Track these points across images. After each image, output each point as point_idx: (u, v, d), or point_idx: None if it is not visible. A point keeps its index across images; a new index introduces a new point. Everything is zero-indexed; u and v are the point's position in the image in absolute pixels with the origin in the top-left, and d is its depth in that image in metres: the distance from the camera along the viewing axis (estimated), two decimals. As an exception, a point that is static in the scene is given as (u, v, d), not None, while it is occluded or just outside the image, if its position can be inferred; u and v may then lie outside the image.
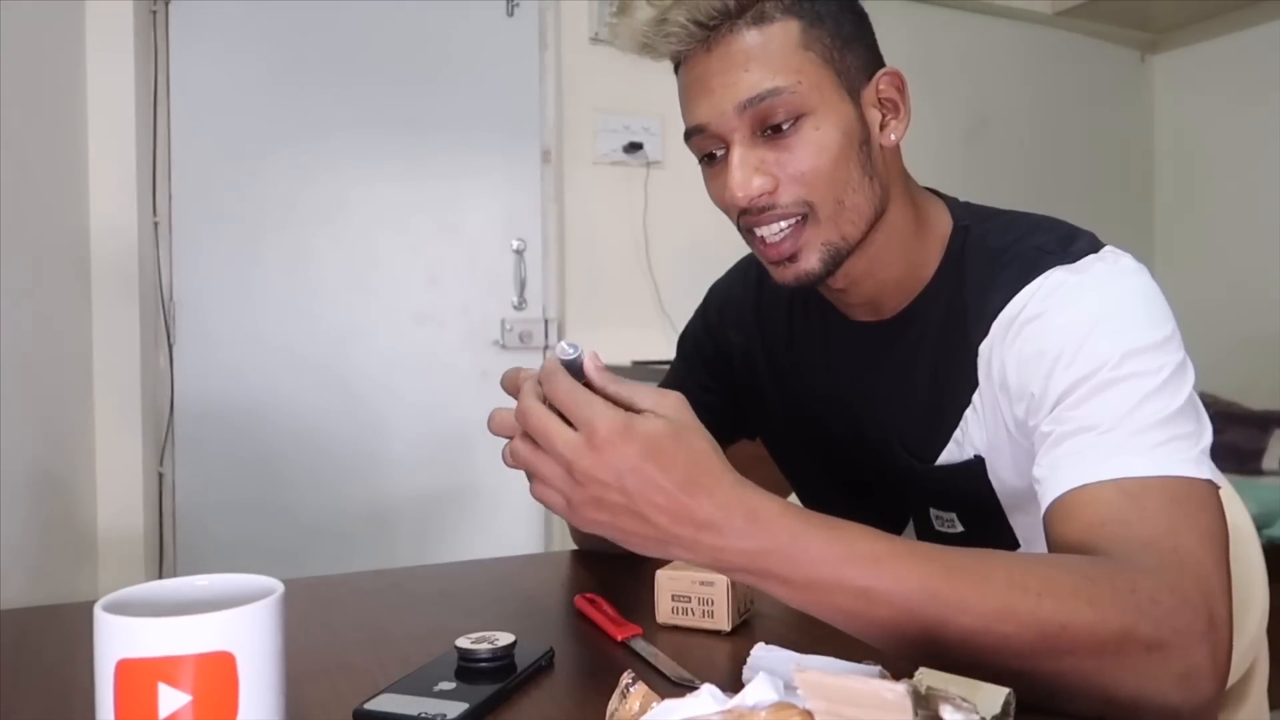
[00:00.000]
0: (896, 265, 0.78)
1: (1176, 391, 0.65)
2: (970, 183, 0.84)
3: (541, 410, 0.54)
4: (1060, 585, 0.53)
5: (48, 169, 1.85)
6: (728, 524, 0.52)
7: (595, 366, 0.55)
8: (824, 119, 0.71)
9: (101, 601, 0.44)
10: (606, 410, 0.52)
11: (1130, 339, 0.66)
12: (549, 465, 0.54)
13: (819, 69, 0.71)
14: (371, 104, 2.41)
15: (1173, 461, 0.61)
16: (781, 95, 0.70)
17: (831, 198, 0.73)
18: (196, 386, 2.26)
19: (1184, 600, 0.55)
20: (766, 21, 0.70)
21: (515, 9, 2.54)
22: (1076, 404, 0.65)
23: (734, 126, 0.71)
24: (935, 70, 3.15)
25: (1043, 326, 0.69)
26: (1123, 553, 0.57)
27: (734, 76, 0.70)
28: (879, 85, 0.75)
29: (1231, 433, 2.76)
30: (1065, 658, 0.53)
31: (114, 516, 2.08)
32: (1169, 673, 0.53)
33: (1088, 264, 0.71)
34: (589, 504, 0.53)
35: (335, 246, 2.40)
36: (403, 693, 0.58)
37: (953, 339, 0.76)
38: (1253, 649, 0.93)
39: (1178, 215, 3.61)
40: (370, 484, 2.40)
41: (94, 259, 2.05)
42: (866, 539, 0.54)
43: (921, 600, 0.52)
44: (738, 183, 0.72)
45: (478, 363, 2.52)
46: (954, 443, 0.77)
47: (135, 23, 2.09)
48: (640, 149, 2.68)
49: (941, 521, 0.80)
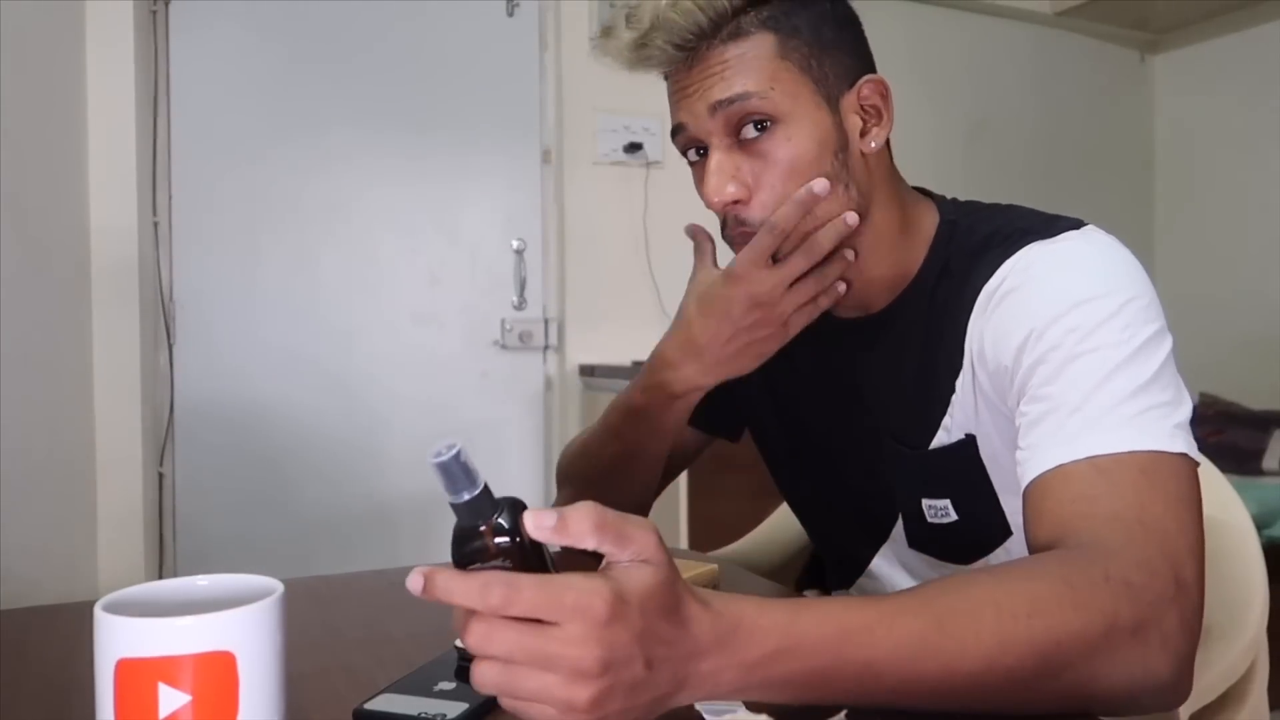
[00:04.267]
0: (883, 266, 0.80)
1: (1148, 359, 0.65)
2: (970, 183, 0.84)
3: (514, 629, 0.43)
4: (1045, 600, 0.53)
5: (48, 169, 1.85)
6: (723, 642, 0.47)
7: (539, 525, 0.45)
8: (797, 128, 0.73)
9: (101, 601, 0.44)
10: (590, 583, 0.44)
11: (1099, 308, 0.66)
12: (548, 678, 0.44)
13: (795, 78, 0.73)
14: (371, 104, 2.41)
15: (1145, 435, 0.61)
16: (751, 99, 0.72)
17: None
18: (196, 386, 2.26)
19: (1151, 571, 0.56)
20: (742, 37, 0.73)
21: (515, 9, 2.54)
22: (1048, 379, 0.66)
23: (710, 129, 0.75)
24: (935, 70, 3.15)
25: (1017, 299, 0.70)
26: (1091, 531, 0.58)
27: (710, 83, 0.74)
28: (861, 92, 0.76)
29: (1231, 433, 2.76)
30: (1065, 672, 0.53)
31: (114, 517, 2.08)
32: (1150, 646, 0.54)
33: (1063, 238, 0.72)
34: (618, 693, 0.44)
35: (335, 246, 2.40)
36: (403, 693, 0.58)
37: (940, 324, 0.77)
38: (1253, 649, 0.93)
39: (1178, 215, 3.61)
40: (370, 484, 2.40)
41: (94, 259, 2.05)
42: (855, 611, 0.51)
43: (924, 658, 0.51)
44: (712, 188, 0.75)
45: (478, 363, 2.52)
46: (944, 428, 0.78)
47: (135, 23, 2.09)
48: (640, 149, 2.69)
49: (934, 511, 0.80)
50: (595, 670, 0.43)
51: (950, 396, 0.77)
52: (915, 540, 0.84)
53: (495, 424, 2.55)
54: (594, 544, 0.45)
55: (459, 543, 0.46)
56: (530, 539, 0.45)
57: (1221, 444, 2.70)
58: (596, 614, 0.43)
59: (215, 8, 2.26)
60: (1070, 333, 0.66)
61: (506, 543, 0.45)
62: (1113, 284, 0.68)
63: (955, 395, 0.76)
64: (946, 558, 0.83)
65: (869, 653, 0.50)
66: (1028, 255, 0.72)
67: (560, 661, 0.43)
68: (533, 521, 0.45)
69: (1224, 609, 0.92)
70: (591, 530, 0.45)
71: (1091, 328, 0.65)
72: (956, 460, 0.78)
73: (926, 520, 0.81)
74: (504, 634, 0.43)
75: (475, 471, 0.45)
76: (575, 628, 0.43)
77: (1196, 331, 3.28)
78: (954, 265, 0.77)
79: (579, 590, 0.43)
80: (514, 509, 0.46)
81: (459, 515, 0.45)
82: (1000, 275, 0.72)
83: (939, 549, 0.83)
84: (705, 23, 0.73)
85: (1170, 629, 0.55)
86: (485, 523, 0.45)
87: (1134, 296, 0.67)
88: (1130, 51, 3.64)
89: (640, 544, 0.46)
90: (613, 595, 0.44)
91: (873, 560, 0.89)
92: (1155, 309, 0.68)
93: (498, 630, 0.43)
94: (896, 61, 0.78)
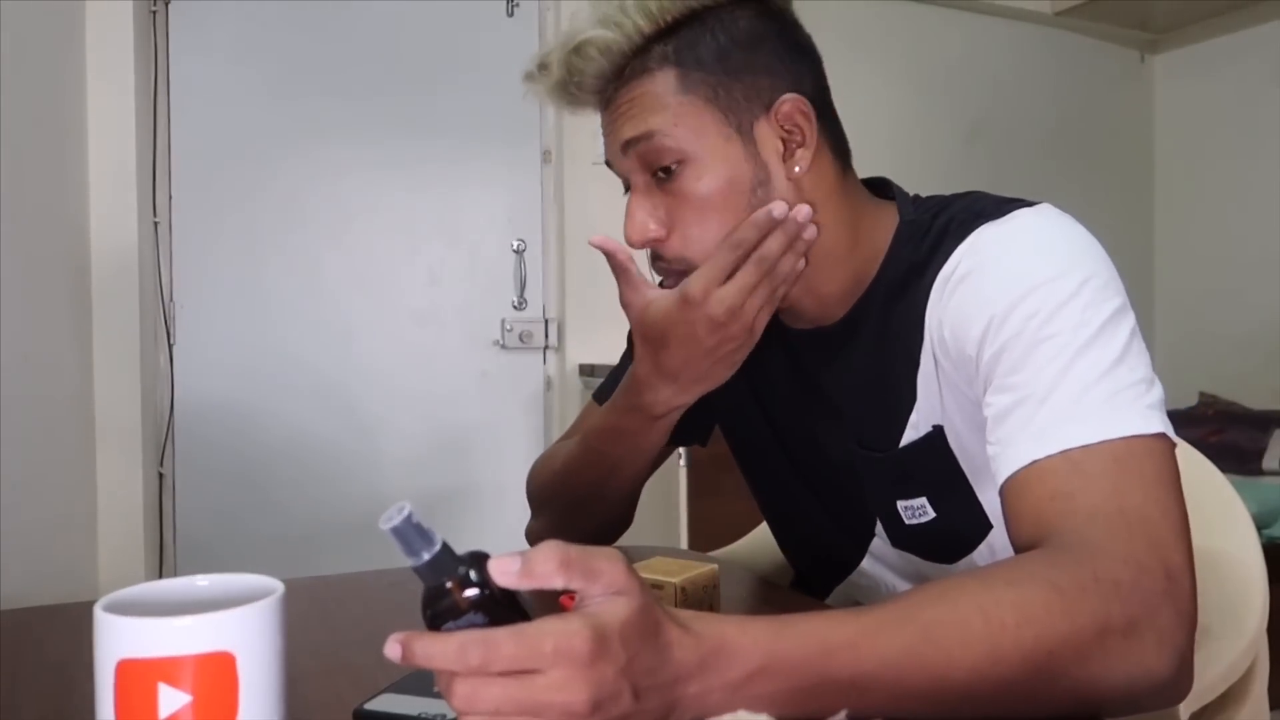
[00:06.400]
0: (835, 280, 0.79)
1: (1111, 340, 0.64)
2: (970, 183, 0.83)
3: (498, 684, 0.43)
4: (1034, 607, 0.53)
5: (47, 169, 1.85)
6: (706, 664, 0.47)
7: (504, 571, 0.44)
8: (706, 167, 0.73)
9: (101, 601, 0.44)
10: (567, 625, 0.43)
11: (1057, 289, 0.65)
12: None
13: (699, 111, 0.74)
14: (371, 104, 2.41)
15: (1116, 422, 0.61)
16: (654, 139, 0.74)
17: None
18: (196, 386, 2.26)
19: (1139, 566, 0.55)
20: (645, 74, 0.74)
21: (515, 9, 2.54)
22: (1013, 368, 0.65)
23: (627, 168, 0.77)
24: (935, 70, 3.15)
25: (973, 284, 0.70)
26: (1074, 529, 0.58)
27: (619, 124, 0.76)
28: (779, 113, 0.74)
29: (1231, 433, 2.76)
30: (1060, 679, 0.52)
31: (114, 516, 2.08)
32: (1145, 644, 0.53)
33: (1014, 215, 0.71)
34: None
35: (335, 246, 2.40)
36: (403, 693, 0.58)
37: (900, 321, 0.76)
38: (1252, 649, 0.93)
39: (1178, 215, 3.61)
40: (370, 484, 2.40)
41: (94, 259, 2.05)
42: (838, 626, 0.51)
43: (912, 670, 0.51)
44: (632, 227, 0.77)
45: (478, 363, 2.52)
46: (911, 425, 0.77)
47: (135, 23, 2.09)
48: (640, 149, 2.68)
49: (911, 512, 0.80)
50: (586, 710, 0.43)
51: (915, 390, 0.76)
52: (897, 541, 0.83)
53: (495, 424, 2.55)
54: (562, 583, 0.45)
55: (429, 603, 0.45)
56: (499, 588, 0.45)
57: (1221, 444, 2.70)
58: (579, 655, 0.43)
59: (215, 8, 2.26)
60: (1030, 319, 0.65)
61: (476, 595, 0.45)
62: (1069, 263, 0.67)
63: (919, 387, 0.76)
64: (931, 557, 0.82)
65: (854, 669, 0.50)
66: (981, 237, 0.71)
67: (550, 709, 0.42)
68: (498, 569, 0.44)
69: (1224, 609, 0.92)
70: (557, 570, 0.44)
71: (1051, 311, 0.64)
72: (927, 455, 0.77)
73: (904, 523, 0.81)
74: (489, 691, 0.43)
75: (430, 531, 0.44)
76: (559, 673, 0.42)
77: (1196, 331, 3.29)
78: (912, 263, 0.76)
79: (557, 634, 0.43)
80: (476, 561, 0.45)
81: (422, 577, 0.45)
82: (954, 260, 0.71)
83: (921, 549, 0.82)
84: (608, 66, 0.74)
85: (1166, 624, 0.54)
86: (451, 579, 0.45)
87: (1091, 274, 0.66)
88: (1130, 51, 3.64)
89: (610, 576, 0.45)
90: (592, 633, 0.43)
91: (861, 562, 0.89)
92: (1115, 285, 0.67)
93: (481, 688, 0.43)
94: (895, 61, 0.78)
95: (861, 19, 2.92)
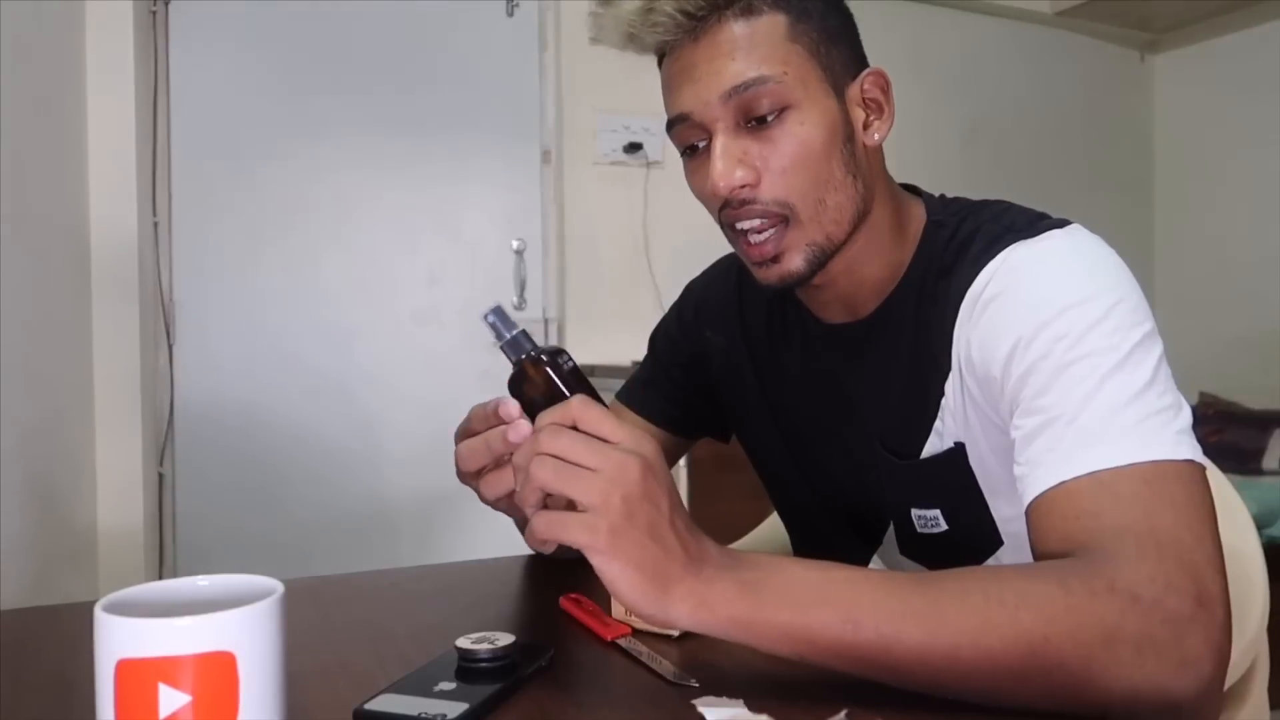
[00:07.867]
0: (875, 265, 0.78)
1: (1141, 364, 0.63)
2: (970, 183, 0.83)
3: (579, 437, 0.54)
4: (1035, 596, 0.53)
5: (48, 169, 1.85)
6: (725, 555, 0.55)
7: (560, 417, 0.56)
8: (809, 113, 0.71)
9: (101, 602, 0.44)
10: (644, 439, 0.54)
11: (1086, 312, 0.64)
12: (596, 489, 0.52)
13: (805, 62, 0.71)
14: (371, 103, 2.41)
15: (1146, 445, 0.60)
16: (767, 84, 0.70)
17: (813, 197, 0.72)
18: (196, 386, 2.26)
19: (1167, 586, 0.54)
20: (754, 14, 0.70)
21: (515, 9, 2.54)
22: (1040, 390, 0.64)
23: (717, 116, 0.71)
24: (934, 70, 3.15)
25: (1002, 305, 0.69)
26: (1099, 545, 0.57)
27: (720, 65, 0.70)
28: (864, 84, 0.75)
29: (1231, 433, 2.76)
30: (1056, 671, 0.52)
31: (114, 516, 2.08)
32: (1164, 665, 0.52)
33: (1046, 237, 0.70)
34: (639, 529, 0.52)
35: (335, 246, 2.40)
36: (403, 693, 0.58)
37: (928, 329, 0.75)
38: (1253, 649, 0.93)
39: (1178, 215, 3.61)
40: (370, 484, 2.40)
41: (94, 259, 2.05)
42: (842, 567, 0.55)
43: (906, 617, 0.52)
44: (719, 172, 0.71)
45: (478, 363, 2.52)
46: (935, 434, 0.77)
47: (135, 23, 2.09)
48: (640, 149, 2.69)
49: (924, 521, 0.79)
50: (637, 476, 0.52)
51: (940, 402, 0.76)
52: (906, 548, 0.83)
53: (495, 424, 2.54)
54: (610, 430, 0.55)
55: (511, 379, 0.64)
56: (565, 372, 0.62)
57: (1221, 444, 2.70)
58: (649, 451, 0.53)
59: (215, 8, 2.26)
60: (1059, 340, 0.64)
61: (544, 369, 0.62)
62: (1098, 286, 0.66)
63: (945, 401, 0.75)
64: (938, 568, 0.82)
65: (851, 597, 0.53)
66: (1012, 257, 0.70)
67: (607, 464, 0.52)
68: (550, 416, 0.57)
69: (1224, 609, 0.91)
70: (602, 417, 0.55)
71: (1080, 334, 0.64)
72: (947, 469, 0.76)
73: (916, 530, 0.80)
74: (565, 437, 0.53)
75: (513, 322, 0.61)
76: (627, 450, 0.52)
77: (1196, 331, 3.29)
78: (939, 267, 0.75)
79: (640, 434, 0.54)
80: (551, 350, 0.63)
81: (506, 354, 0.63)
82: (984, 278, 0.71)
83: (928, 560, 0.82)
84: None
85: (1193, 649, 0.53)
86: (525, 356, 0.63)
87: (1121, 299, 0.65)
88: (1130, 51, 3.64)
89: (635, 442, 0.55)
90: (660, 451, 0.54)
91: (869, 562, 0.88)
92: (1143, 310, 0.66)
93: (562, 434, 0.53)
94: (895, 61, 0.78)
95: (861, 19, 2.91)
